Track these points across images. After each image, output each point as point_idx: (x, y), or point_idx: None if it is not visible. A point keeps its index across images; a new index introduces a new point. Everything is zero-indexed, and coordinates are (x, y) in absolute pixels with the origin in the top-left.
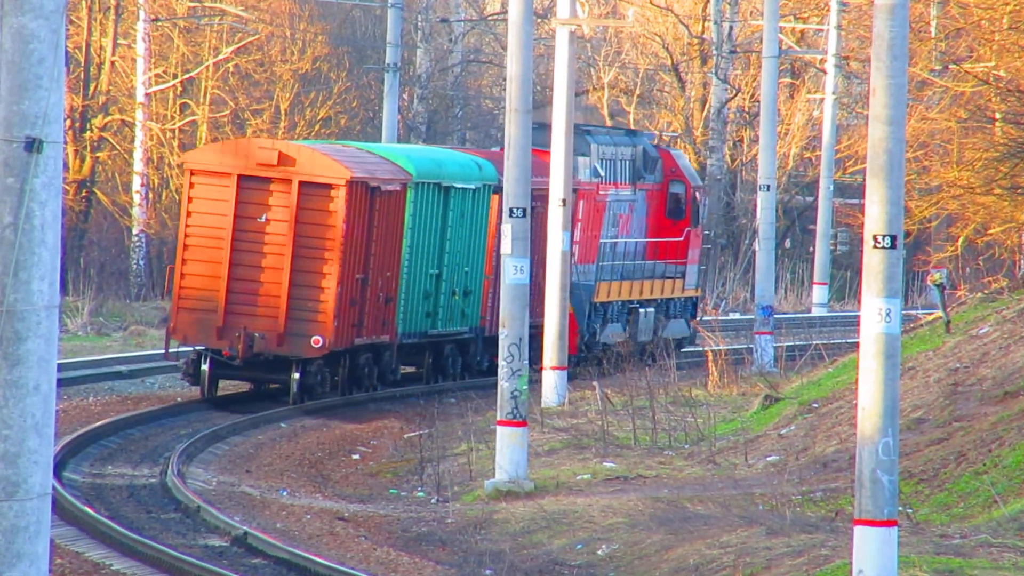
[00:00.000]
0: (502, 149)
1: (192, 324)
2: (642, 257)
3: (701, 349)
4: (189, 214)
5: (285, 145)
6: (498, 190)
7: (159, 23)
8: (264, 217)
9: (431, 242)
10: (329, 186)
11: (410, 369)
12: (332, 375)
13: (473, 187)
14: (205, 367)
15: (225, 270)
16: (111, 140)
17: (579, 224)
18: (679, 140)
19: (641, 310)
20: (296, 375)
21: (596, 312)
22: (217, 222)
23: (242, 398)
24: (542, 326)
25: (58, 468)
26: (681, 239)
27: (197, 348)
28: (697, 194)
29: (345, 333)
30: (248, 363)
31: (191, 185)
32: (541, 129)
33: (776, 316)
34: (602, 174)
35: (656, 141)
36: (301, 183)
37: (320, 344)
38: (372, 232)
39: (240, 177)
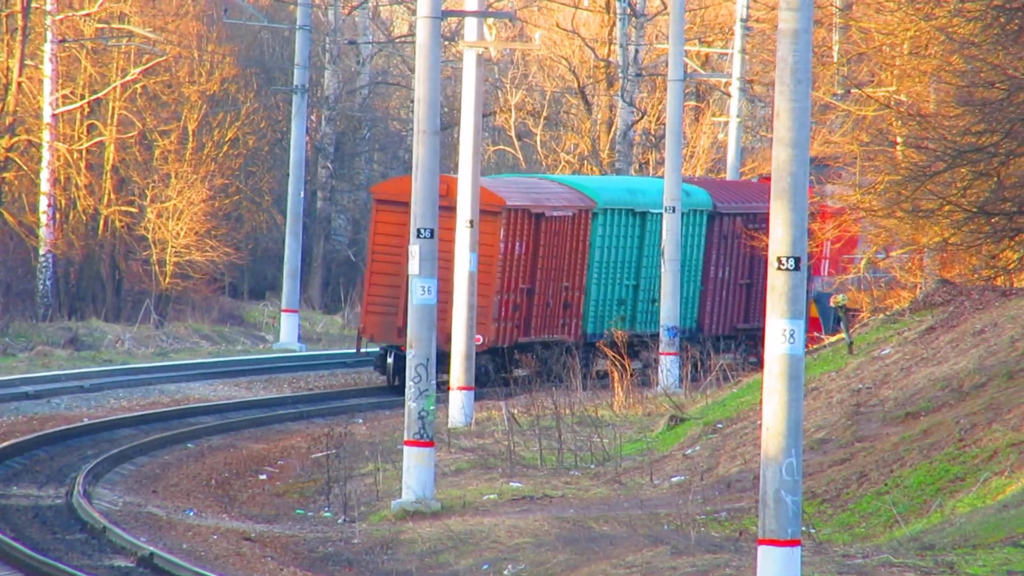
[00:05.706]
0: (740, 179)
1: (378, 325)
2: None
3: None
4: (376, 235)
5: (452, 179)
6: (713, 215)
7: (66, 44)
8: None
9: (625, 259)
10: (486, 212)
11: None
12: (498, 369)
13: None
14: (390, 360)
15: (404, 280)
16: (18, 160)
17: (827, 243)
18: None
19: None
20: None
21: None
22: (397, 242)
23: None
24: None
25: None
26: None
27: (382, 345)
28: None
29: (506, 333)
30: None
31: (376, 211)
32: None
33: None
34: None
35: None
36: None
37: (480, 342)
38: (539, 250)
39: None
